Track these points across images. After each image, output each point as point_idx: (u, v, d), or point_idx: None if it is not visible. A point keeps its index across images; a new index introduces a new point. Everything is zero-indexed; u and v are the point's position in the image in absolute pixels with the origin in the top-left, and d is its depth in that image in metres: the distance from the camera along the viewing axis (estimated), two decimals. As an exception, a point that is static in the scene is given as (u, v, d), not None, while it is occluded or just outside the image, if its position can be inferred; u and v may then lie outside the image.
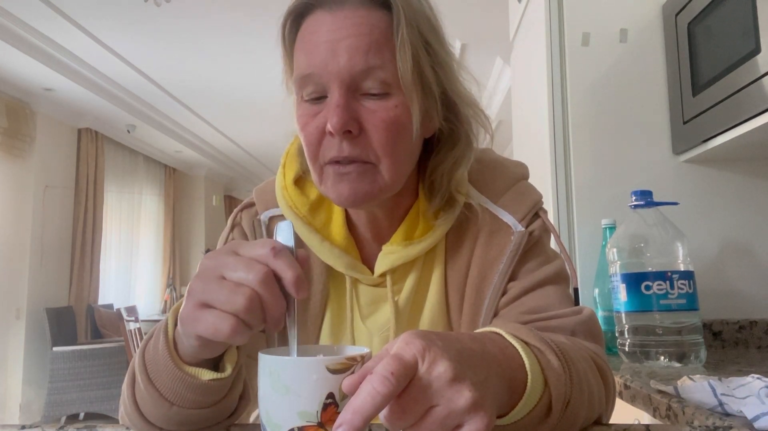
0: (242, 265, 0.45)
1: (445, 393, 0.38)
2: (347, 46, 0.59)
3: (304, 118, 0.62)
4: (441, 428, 0.38)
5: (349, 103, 0.59)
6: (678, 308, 1.10)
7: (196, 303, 0.45)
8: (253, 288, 0.44)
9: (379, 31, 0.60)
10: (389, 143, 0.61)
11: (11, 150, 4.55)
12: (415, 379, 0.38)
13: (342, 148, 0.60)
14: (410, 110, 0.62)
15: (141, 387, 0.53)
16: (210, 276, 0.46)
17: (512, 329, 0.52)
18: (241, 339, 0.45)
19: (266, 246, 0.45)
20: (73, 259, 5.22)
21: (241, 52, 4.30)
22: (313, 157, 0.63)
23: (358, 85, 0.60)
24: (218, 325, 0.44)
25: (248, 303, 0.43)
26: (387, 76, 0.60)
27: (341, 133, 0.59)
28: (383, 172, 0.62)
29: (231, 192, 9.03)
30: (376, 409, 0.36)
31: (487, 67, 4.52)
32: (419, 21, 0.62)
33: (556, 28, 1.57)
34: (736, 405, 0.70)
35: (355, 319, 0.71)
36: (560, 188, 1.52)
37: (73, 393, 4.37)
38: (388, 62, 0.60)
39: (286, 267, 0.45)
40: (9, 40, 3.74)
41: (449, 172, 0.68)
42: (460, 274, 0.70)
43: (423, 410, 0.38)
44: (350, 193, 0.61)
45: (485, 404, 0.39)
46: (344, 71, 0.59)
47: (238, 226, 0.74)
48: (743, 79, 1.14)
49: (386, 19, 0.61)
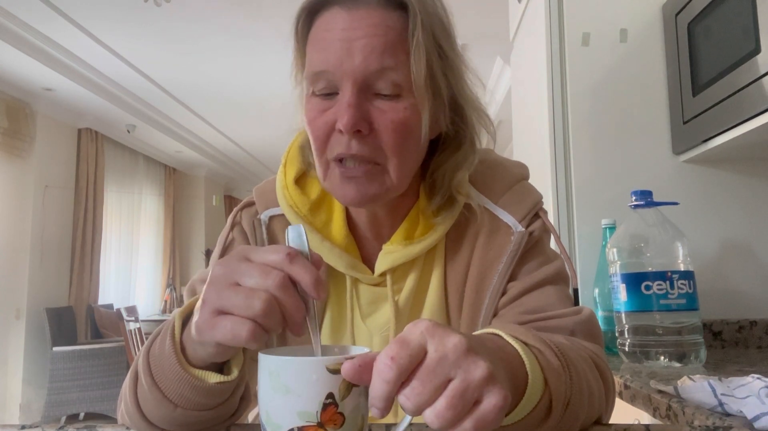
0: (257, 271, 0.45)
1: (461, 363, 0.37)
2: (363, 46, 0.59)
3: (313, 112, 0.62)
4: (461, 401, 0.37)
5: (360, 102, 0.60)
6: (678, 308, 1.10)
7: (213, 311, 0.45)
8: (271, 293, 0.44)
9: (395, 32, 0.60)
10: (398, 144, 0.61)
11: (11, 150, 4.55)
12: (430, 353, 0.38)
13: (350, 145, 0.60)
14: (420, 113, 0.62)
15: (145, 389, 0.53)
16: (224, 284, 0.45)
17: (511, 330, 0.52)
18: (260, 343, 0.45)
19: (281, 252, 0.45)
20: (73, 259, 5.22)
21: (241, 52, 4.30)
22: (319, 152, 0.63)
23: (370, 85, 0.60)
24: (237, 331, 0.44)
25: (266, 306, 0.43)
26: (399, 78, 0.60)
27: (351, 132, 0.59)
28: (390, 172, 0.62)
29: (231, 192, 9.03)
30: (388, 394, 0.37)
31: (487, 67, 4.52)
32: (434, 24, 0.63)
33: (556, 28, 1.57)
34: (736, 405, 0.70)
35: (355, 319, 0.71)
36: (560, 188, 1.52)
37: (73, 393, 4.37)
38: (402, 64, 0.60)
39: (303, 271, 0.45)
40: (9, 40, 3.74)
41: (451, 172, 0.69)
42: (459, 274, 0.70)
43: (440, 383, 0.37)
44: (356, 194, 0.62)
45: (500, 379, 0.39)
46: (358, 71, 0.59)
47: (238, 225, 0.74)
48: (743, 79, 1.14)
49: (401, 20, 0.61)
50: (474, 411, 0.37)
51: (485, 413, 0.37)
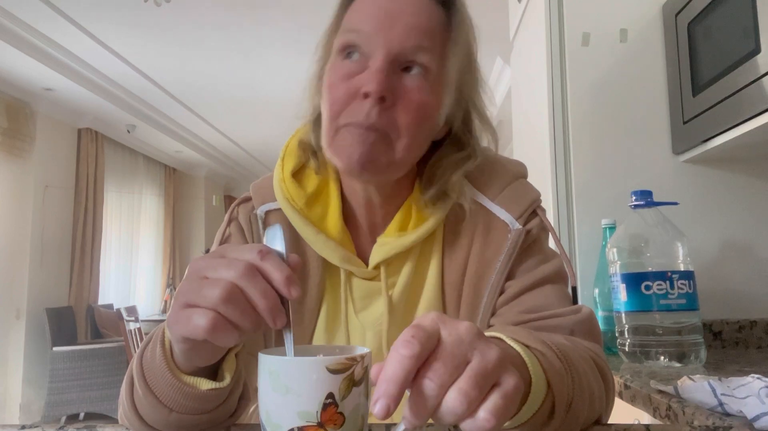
0: (224, 264, 0.44)
1: (477, 345, 0.38)
2: (406, 22, 0.62)
3: (337, 76, 0.63)
4: (484, 380, 0.36)
5: (390, 72, 0.61)
6: (678, 308, 1.10)
7: (180, 305, 0.45)
8: (232, 281, 0.43)
9: (436, 22, 0.64)
10: (414, 123, 0.62)
11: (11, 150, 4.55)
12: (444, 337, 0.38)
13: (370, 114, 0.60)
14: (441, 102, 0.65)
15: (140, 394, 0.53)
16: (194, 278, 0.45)
17: (512, 333, 0.52)
18: (226, 337, 0.43)
19: (253, 251, 0.45)
20: (73, 259, 5.22)
21: (241, 52, 4.30)
22: (332, 117, 0.63)
23: (402, 61, 0.62)
24: (197, 321, 0.42)
25: (225, 294, 0.42)
26: (431, 63, 0.63)
27: (377, 99, 0.60)
28: (398, 149, 0.63)
29: (231, 192, 9.03)
30: (406, 373, 0.36)
31: (487, 67, 4.52)
32: (469, 30, 0.67)
33: (556, 28, 1.57)
34: (736, 405, 0.70)
35: (348, 313, 0.71)
36: (560, 188, 1.52)
37: (73, 393, 4.37)
38: (436, 52, 0.63)
39: (273, 268, 0.44)
40: (9, 40, 3.74)
41: (450, 171, 0.69)
42: (457, 271, 0.70)
43: (459, 363, 0.37)
44: (359, 158, 0.61)
45: (511, 365, 0.39)
46: (395, 42, 0.61)
47: (235, 221, 0.74)
48: (743, 79, 1.14)
49: (442, 16, 0.65)
50: (496, 390, 0.37)
51: (508, 391, 0.37)
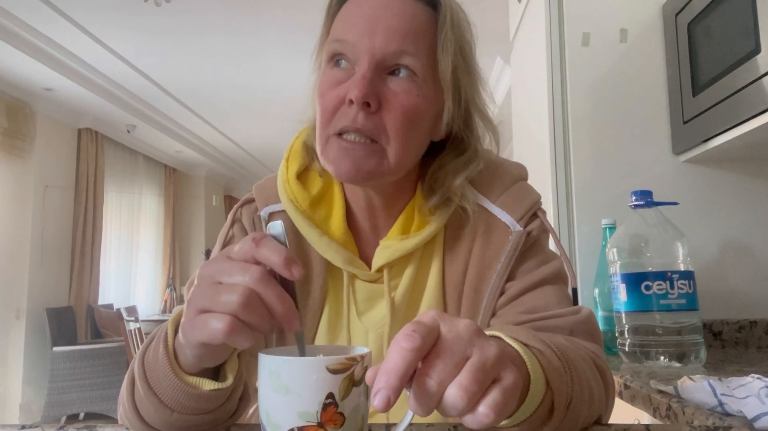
0: (237, 268, 0.44)
1: (476, 341, 0.38)
2: (387, 27, 0.62)
3: (326, 84, 0.64)
4: (484, 376, 0.37)
5: (374, 78, 0.61)
6: (678, 308, 1.10)
7: (195, 311, 0.45)
8: (249, 287, 0.43)
9: (420, 23, 0.64)
10: (402, 127, 0.62)
11: (11, 150, 4.55)
12: (444, 333, 0.38)
13: (356, 118, 0.61)
14: (430, 103, 0.64)
15: (141, 394, 0.53)
16: (207, 283, 0.45)
17: (510, 332, 0.52)
18: (243, 340, 0.43)
19: (247, 241, 0.45)
20: (73, 259, 5.22)
21: (241, 52, 4.30)
22: (323, 125, 0.64)
23: (386, 65, 0.62)
24: (215, 326, 0.43)
25: (243, 299, 0.43)
26: (416, 66, 0.62)
27: (360, 104, 0.60)
28: (390, 155, 0.63)
29: (231, 192, 9.03)
30: (407, 365, 0.36)
31: (487, 67, 4.52)
32: (462, 28, 0.66)
33: (556, 28, 1.57)
34: (736, 405, 0.70)
35: (351, 315, 0.71)
36: (560, 188, 1.52)
37: (73, 393, 4.37)
38: (421, 54, 0.63)
39: (270, 252, 0.44)
40: (9, 40, 3.74)
41: (452, 175, 0.69)
42: (458, 273, 0.70)
43: (459, 359, 0.37)
44: (351, 168, 0.62)
45: (509, 361, 0.39)
46: (377, 48, 0.61)
47: (238, 222, 0.74)
48: (743, 79, 1.14)
49: (429, 16, 0.65)
50: (495, 386, 0.37)
51: (508, 387, 0.37)
